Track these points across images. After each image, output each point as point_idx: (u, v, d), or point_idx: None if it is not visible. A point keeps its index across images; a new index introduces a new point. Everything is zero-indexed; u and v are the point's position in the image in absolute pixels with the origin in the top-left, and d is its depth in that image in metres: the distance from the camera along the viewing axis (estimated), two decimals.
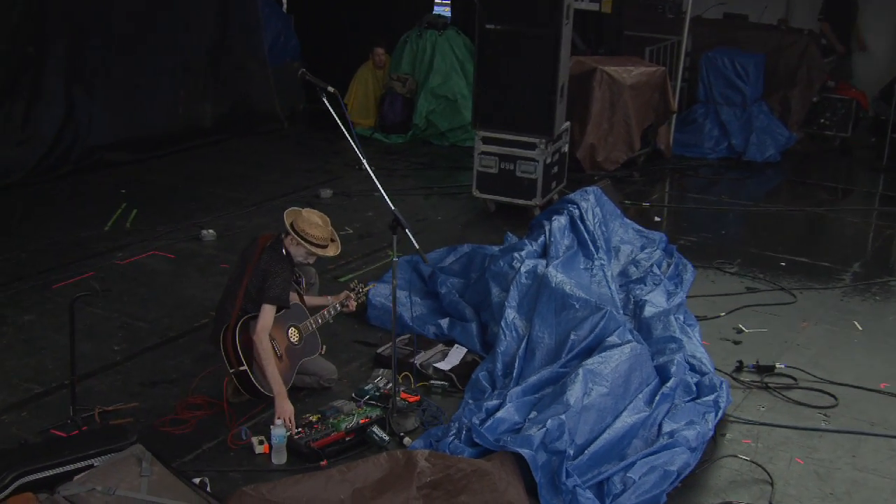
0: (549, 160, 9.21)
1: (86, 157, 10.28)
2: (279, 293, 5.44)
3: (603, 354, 5.41)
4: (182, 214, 9.02)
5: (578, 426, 4.81)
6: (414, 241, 5.26)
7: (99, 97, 10.50)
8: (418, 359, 6.14)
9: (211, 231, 8.45)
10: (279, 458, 5.07)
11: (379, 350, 6.27)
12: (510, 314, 6.16)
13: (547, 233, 7.06)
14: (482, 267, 6.95)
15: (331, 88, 5.36)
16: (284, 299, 5.49)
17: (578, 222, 7.23)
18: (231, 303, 5.54)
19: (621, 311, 6.49)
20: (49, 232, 8.39)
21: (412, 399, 5.62)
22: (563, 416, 4.74)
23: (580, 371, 5.16)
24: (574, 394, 4.96)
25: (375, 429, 5.23)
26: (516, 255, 6.71)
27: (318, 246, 5.59)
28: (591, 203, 7.48)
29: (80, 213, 9.01)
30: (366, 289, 6.35)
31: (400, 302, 6.85)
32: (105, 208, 9.08)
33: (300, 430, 5.22)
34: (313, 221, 5.60)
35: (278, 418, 5.22)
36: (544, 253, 6.89)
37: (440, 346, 6.34)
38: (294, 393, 5.71)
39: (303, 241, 5.52)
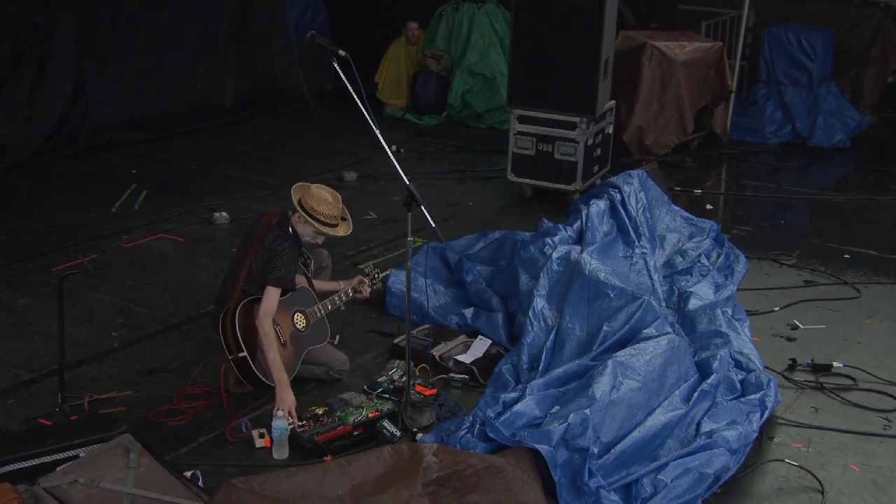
0: (590, 141, 9.09)
1: (96, 136, 10.36)
2: (284, 274, 5.39)
3: (636, 346, 5.31)
4: (194, 196, 9.05)
5: (605, 422, 4.72)
6: (429, 218, 5.18)
7: (111, 72, 10.58)
8: (437, 350, 6.08)
9: (224, 214, 8.45)
10: (280, 453, 5.02)
11: (395, 340, 6.21)
12: (539, 303, 6.08)
13: (583, 218, 6.98)
14: (512, 254, 6.89)
15: (342, 52, 5.28)
16: (290, 281, 5.44)
17: (619, 207, 7.15)
18: (232, 284, 5.51)
19: (663, 303, 6.40)
20: (53, 213, 8.45)
21: (428, 393, 5.55)
22: (587, 411, 4.65)
23: (609, 363, 5.06)
24: (601, 387, 4.87)
25: (386, 423, 5.16)
26: (548, 240, 6.63)
27: (327, 224, 5.53)
28: (634, 187, 7.39)
29: (87, 193, 9.07)
30: (382, 275, 6.29)
31: (421, 290, 6.81)
32: (114, 189, 9.14)
33: (304, 422, 5.17)
34: (323, 198, 5.54)
35: (279, 409, 5.16)
36: (580, 239, 6.81)
37: (462, 338, 6.28)
38: (301, 384, 5.67)
39: (311, 220, 5.47)
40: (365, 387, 5.72)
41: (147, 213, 8.59)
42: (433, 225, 5.17)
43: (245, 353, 5.31)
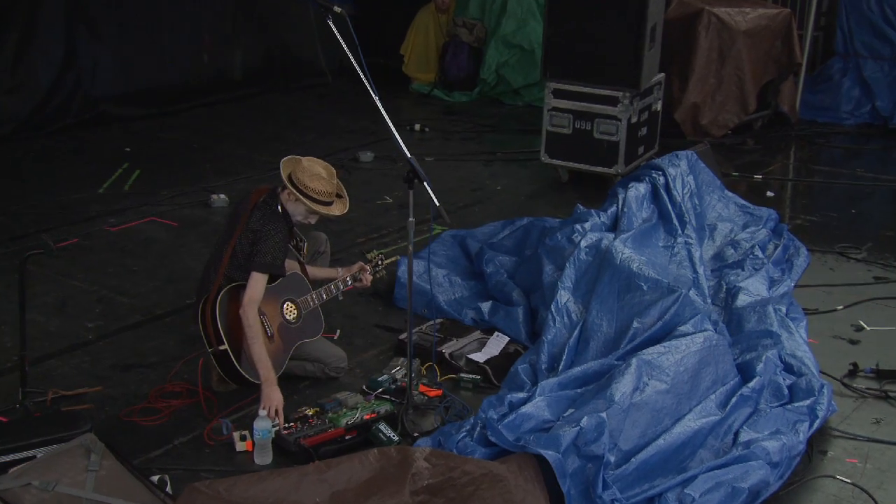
0: (635, 119, 8.99)
1: (88, 110, 10.43)
2: (271, 259, 5.35)
3: (667, 344, 5.23)
4: (192, 177, 9.08)
5: (624, 427, 4.65)
6: (433, 196, 5.12)
7: (106, 39, 10.63)
8: (448, 347, 6.03)
9: (222, 196, 8.47)
10: (263, 458, 4.99)
11: (402, 336, 6.15)
12: (563, 296, 6.01)
13: (619, 202, 6.91)
14: (538, 243, 6.83)
15: (338, 9, 5.24)
16: (277, 266, 5.40)
17: (662, 192, 7.07)
18: (215, 269, 5.49)
19: (708, 299, 6.31)
20: (36, 193, 8.52)
21: (433, 394, 5.51)
22: (603, 414, 4.58)
23: (633, 361, 4.99)
24: (622, 388, 4.80)
25: (383, 426, 5.12)
26: (578, 227, 6.57)
27: (320, 202, 5.48)
28: (681, 170, 7.32)
29: (73, 172, 9.12)
30: (387, 262, 6.24)
31: (436, 282, 6.79)
32: (104, 168, 9.19)
33: (291, 424, 5.13)
34: (315, 172, 5.49)
35: (263, 408, 5.13)
36: (615, 227, 6.74)
37: (477, 334, 6.23)
38: (292, 382, 5.65)
39: (302, 197, 5.42)
40: (364, 386, 5.68)
41: (138, 194, 8.63)
42: (437, 203, 5.09)
43: (226, 347, 5.28)
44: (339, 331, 6.33)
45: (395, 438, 5.07)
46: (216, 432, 5.19)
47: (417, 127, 10.85)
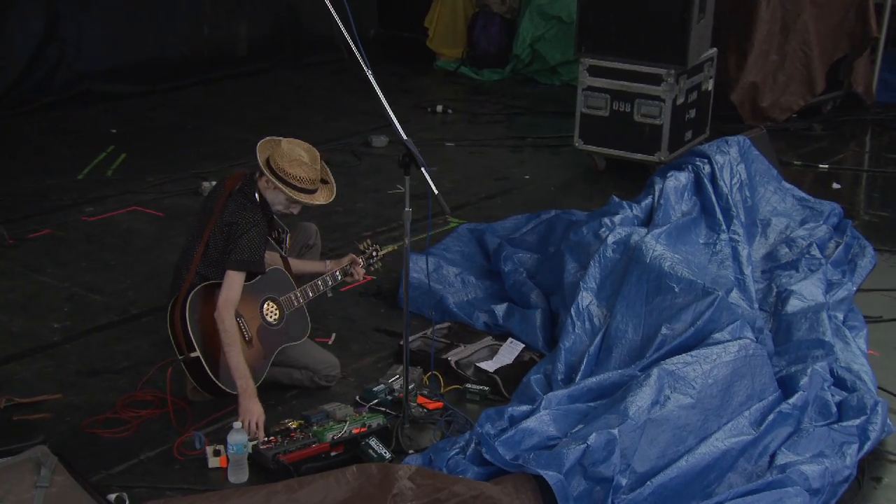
0: (681, 100, 8.94)
1: (71, 86, 10.55)
2: (249, 255, 5.35)
3: (695, 353, 5.19)
4: (183, 162, 9.14)
5: (639, 446, 4.61)
6: (431, 184, 5.09)
7: (92, 7, 10.72)
8: (455, 354, 6.02)
9: (214, 184, 8.48)
10: (238, 475, 4.98)
11: (403, 342, 6.12)
12: (585, 298, 5.99)
13: (656, 193, 6.89)
14: (563, 238, 6.81)
15: None
16: (256, 262, 5.39)
17: (706, 182, 7.05)
18: (186, 267, 5.49)
19: (755, 304, 6.28)
20: (6, 178, 8.60)
21: (433, 406, 5.48)
22: (614, 431, 4.54)
23: (654, 372, 4.95)
24: (638, 401, 4.77)
25: (374, 441, 5.10)
26: (606, 220, 6.55)
27: (302, 191, 5.46)
28: (730, 158, 7.31)
29: (52, 156, 9.21)
30: (382, 252, 6.21)
31: (447, 281, 6.79)
32: (85, 151, 9.27)
33: (270, 438, 5.13)
34: (295, 156, 5.46)
35: (240, 422, 5.13)
36: (649, 221, 6.71)
37: (488, 340, 6.22)
38: (278, 391, 5.66)
39: (282, 185, 5.41)
40: (357, 397, 5.68)
41: (122, 180, 8.68)
42: (436, 192, 5.07)
43: (198, 353, 5.28)
44: (334, 335, 6.33)
45: (387, 456, 5.05)
46: (187, 446, 5.20)
47: (439, 108, 10.86)
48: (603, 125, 9.08)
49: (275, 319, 5.55)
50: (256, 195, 5.48)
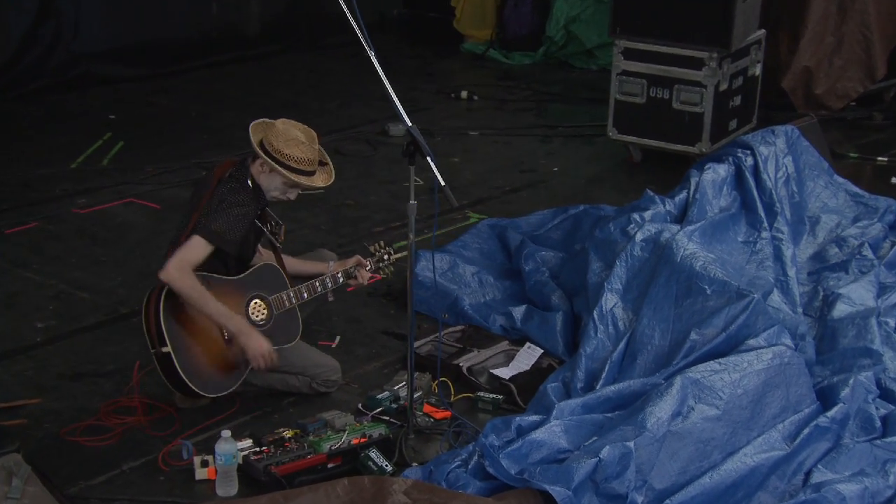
0: (724, 86, 8.91)
1: (68, 69, 10.58)
2: (221, 227, 5.36)
3: (724, 360, 5.17)
4: (185, 151, 9.18)
5: (658, 461, 4.60)
6: (437, 174, 5.10)
7: None
8: (468, 360, 6.03)
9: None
10: (226, 488, 5.00)
11: (414, 345, 6.13)
12: (609, 300, 5.99)
13: (691, 187, 6.87)
14: (589, 235, 6.82)
15: None
16: (227, 240, 5.38)
17: (748, 175, 7.02)
18: (168, 257, 5.53)
19: (799, 308, 6.25)
20: None
21: (440, 415, 5.51)
22: (630, 444, 4.53)
23: (677, 380, 4.94)
24: (658, 412, 4.76)
25: (374, 453, 5.11)
26: (635, 216, 6.54)
27: (301, 172, 5.48)
28: (776, 149, 7.28)
29: (43, 143, 9.27)
30: (395, 256, 6.18)
31: (463, 281, 6.80)
32: (81, 138, 9.32)
33: (263, 448, 5.15)
34: (292, 136, 5.48)
35: (254, 364, 5.32)
36: (683, 217, 6.69)
37: (504, 345, 6.23)
38: (274, 398, 5.70)
39: (279, 167, 5.43)
40: (360, 405, 5.69)
41: (118, 170, 8.74)
42: (442, 183, 5.08)
43: (169, 349, 5.31)
44: (338, 337, 6.35)
45: (388, 468, 5.06)
46: (174, 456, 5.22)
47: (464, 94, 10.85)
48: (639, 113, 9.04)
49: (262, 319, 5.55)
50: (249, 181, 5.49)
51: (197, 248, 5.35)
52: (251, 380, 5.61)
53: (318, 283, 5.76)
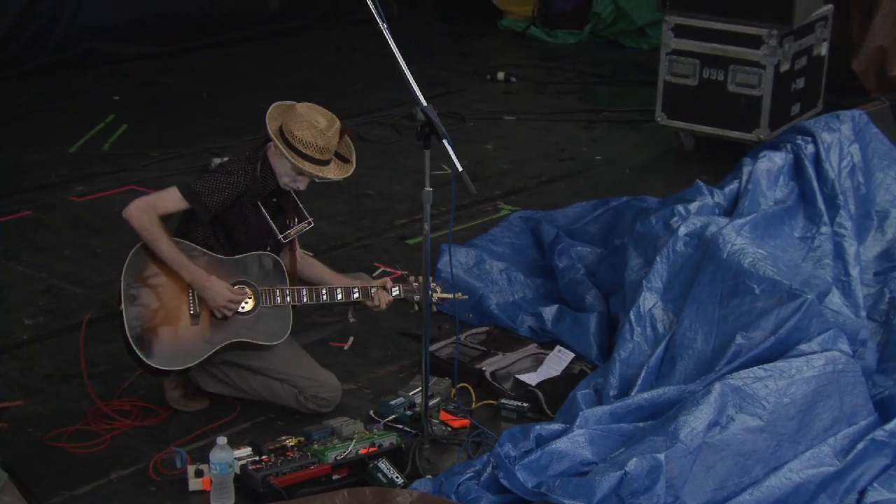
0: (786, 66, 8.87)
1: (69, 46, 10.66)
2: (203, 188, 5.42)
3: (770, 366, 5.14)
4: (193, 135, 9.23)
5: (691, 475, 4.58)
6: (454, 159, 5.10)
7: None
8: (491, 364, 6.03)
9: (227, 160, 8.57)
10: (221, 499, 5.00)
11: (433, 348, 6.15)
12: (647, 300, 5.98)
13: (743, 177, 6.86)
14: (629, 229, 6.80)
15: None
16: (205, 204, 5.42)
17: (808, 165, 6.99)
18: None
19: (862, 311, 6.18)
20: None
21: (458, 424, 5.51)
22: (660, 455, 4.50)
23: (716, 387, 4.91)
24: (692, 421, 4.73)
25: (384, 464, 5.10)
26: (679, 208, 6.52)
27: (310, 159, 5.45)
28: (841, 136, 7.24)
29: (43, 125, 9.35)
30: (439, 296, 5.83)
31: (490, 278, 6.80)
32: (82, 121, 9.39)
33: (262, 457, 5.15)
34: (310, 120, 5.46)
35: (217, 312, 5.37)
36: (733, 209, 6.68)
37: (532, 348, 6.22)
38: (277, 405, 5.67)
39: (285, 149, 5.42)
40: (371, 412, 5.70)
41: (120, 155, 8.79)
42: (460, 169, 5.07)
43: (122, 307, 5.39)
44: (351, 338, 6.36)
45: (399, 481, 5.05)
46: (167, 465, 5.23)
47: (501, 76, 10.85)
48: (691, 96, 9.02)
49: (243, 307, 5.52)
50: (259, 161, 5.51)
51: (169, 198, 5.48)
52: (235, 382, 5.63)
53: (323, 291, 5.69)
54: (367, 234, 7.65)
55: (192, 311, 5.46)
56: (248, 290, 5.56)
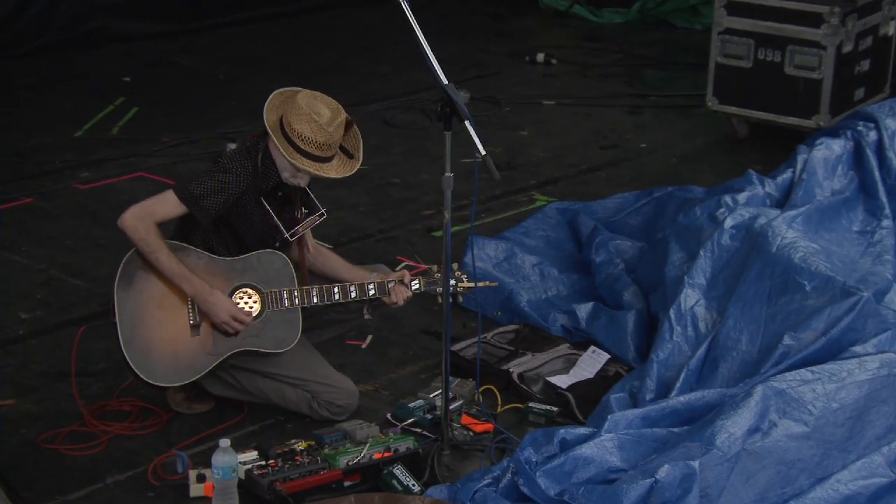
0: (849, 47, 8.84)
1: (78, 23, 10.73)
2: (200, 191, 5.39)
3: (819, 368, 5.11)
4: (209, 119, 9.27)
5: (728, 484, 4.55)
6: (477, 142, 5.08)
7: None
8: (519, 365, 6.02)
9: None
10: None
11: (456, 347, 6.15)
12: (689, 297, 5.96)
13: (798, 166, 6.86)
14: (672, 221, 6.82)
15: None
16: (204, 207, 5.39)
17: (869, 153, 7.00)
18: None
19: None
20: None
21: (481, 428, 5.50)
22: (694, 463, 4.47)
23: (757, 390, 4.88)
24: (730, 426, 4.70)
25: (399, 470, 5.10)
26: (726, 199, 6.53)
27: (309, 156, 5.40)
28: None
29: (48, 107, 9.40)
30: (464, 286, 5.79)
31: (522, 273, 6.81)
32: (90, 103, 9.44)
33: (269, 462, 5.15)
34: (312, 111, 5.37)
35: (223, 323, 5.35)
36: (786, 200, 6.67)
37: (564, 349, 6.21)
38: (265, 411, 5.66)
39: (280, 144, 5.37)
40: (389, 415, 5.70)
41: (129, 140, 8.84)
42: (483, 152, 5.05)
43: (116, 319, 5.42)
44: (370, 336, 6.37)
45: (416, 488, 5.04)
46: (167, 469, 5.24)
47: (541, 57, 10.84)
48: (745, 79, 9.00)
49: (251, 315, 5.52)
50: (260, 154, 5.47)
51: (165, 203, 5.45)
52: (243, 385, 5.63)
53: (336, 290, 5.62)
54: (390, 225, 7.65)
55: (192, 322, 5.45)
56: (253, 294, 5.54)
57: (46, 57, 10.38)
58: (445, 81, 5.23)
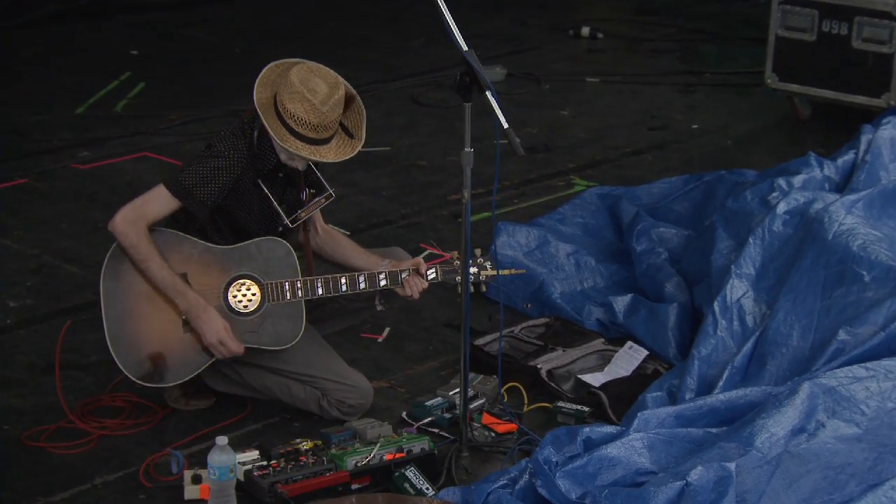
0: None
1: None
2: (194, 182, 5.37)
3: (874, 364, 5.07)
4: (220, 96, 9.28)
5: (768, 489, 4.52)
6: (500, 115, 5.07)
7: None
8: (549, 361, 6.00)
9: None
10: None
11: (479, 342, 6.15)
12: (736, 288, 5.94)
13: (861, 147, 6.87)
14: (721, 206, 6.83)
15: None
16: (199, 199, 5.38)
17: None
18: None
19: None
20: None
21: (503, 429, 5.49)
22: (730, 465, 4.45)
23: (804, 387, 4.84)
24: (772, 426, 4.66)
25: (412, 472, 5.09)
26: (780, 182, 6.54)
27: (302, 139, 5.38)
28: None
29: (49, 82, 9.46)
30: (488, 273, 5.80)
31: (555, 263, 6.79)
32: (94, 78, 9.48)
33: (271, 462, 5.15)
34: (306, 90, 5.31)
35: (208, 342, 5.32)
36: (846, 184, 6.68)
37: (598, 344, 6.20)
38: (270, 407, 5.66)
39: (277, 127, 5.33)
40: (405, 413, 5.70)
41: (134, 117, 8.88)
42: (505, 125, 5.03)
43: (102, 314, 5.42)
44: (387, 329, 6.38)
45: (429, 491, 5.03)
46: (161, 470, 5.25)
47: (585, 31, 10.84)
48: (808, 55, 9.01)
49: (247, 307, 5.49)
50: (256, 134, 5.44)
51: (157, 200, 5.42)
52: (247, 380, 5.63)
53: (343, 280, 5.57)
54: (415, 210, 7.65)
55: (184, 317, 5.46)
56: (253, 285, 5.52)
57: (48, 30, 10.46)
58: (465, 48, 5.14)
